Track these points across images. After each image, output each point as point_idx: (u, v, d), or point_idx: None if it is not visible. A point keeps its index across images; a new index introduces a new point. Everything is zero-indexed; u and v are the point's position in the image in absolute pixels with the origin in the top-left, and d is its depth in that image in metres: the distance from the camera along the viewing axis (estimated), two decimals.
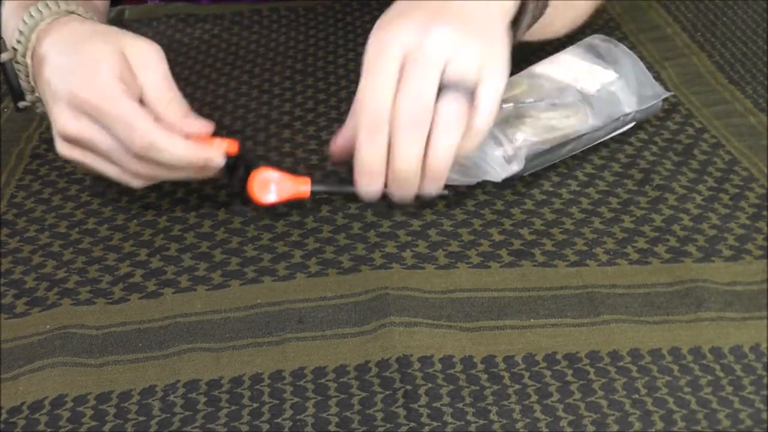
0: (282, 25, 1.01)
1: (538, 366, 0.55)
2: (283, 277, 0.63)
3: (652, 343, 0.57)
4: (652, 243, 0.65)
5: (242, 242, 0.67)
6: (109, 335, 0.59)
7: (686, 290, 0.60)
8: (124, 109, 0.60)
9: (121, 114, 0.60)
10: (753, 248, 0.64)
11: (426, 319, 0.58)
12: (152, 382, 0.55)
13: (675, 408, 0.52)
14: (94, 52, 0.62)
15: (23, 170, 0.77)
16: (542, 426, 0.51)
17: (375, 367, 0.55)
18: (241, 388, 0.54)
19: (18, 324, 0.60)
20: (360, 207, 0.70)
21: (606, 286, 0.61)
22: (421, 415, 0.52)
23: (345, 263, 0.64)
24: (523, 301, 0.60)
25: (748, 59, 0.90)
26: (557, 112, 0.72)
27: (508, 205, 0.70)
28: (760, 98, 0.83)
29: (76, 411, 0.53)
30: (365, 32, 0.97)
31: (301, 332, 0.58)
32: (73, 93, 0.61)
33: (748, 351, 0.56)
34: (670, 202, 0.69)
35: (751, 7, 1.01)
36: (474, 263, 0.64)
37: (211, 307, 0.61)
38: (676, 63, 0.89)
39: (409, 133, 0.60)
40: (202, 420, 0.52)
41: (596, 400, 0.52)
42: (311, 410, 0.53)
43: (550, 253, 0.64)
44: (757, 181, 0.72)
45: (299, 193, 0.66)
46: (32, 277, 0.65)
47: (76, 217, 0.71)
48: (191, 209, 0.71)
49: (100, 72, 0.60)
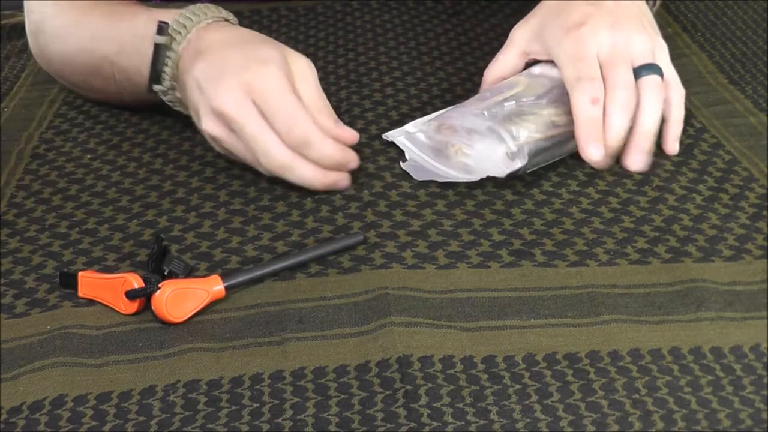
0: (282, 25, 1.01)
1: (538, 366, 0.55)
2: (284, 277, 0.63)
3: (652, 343, 0.57)
4: (652, 243, 0.65)
5: (242, 242, 0.67)
6: (109, 335, 0.59)
7: (686, 290, 0.60)
8: (291, 103, 0.68)
9: (287, 106, 0.68)
10: (753, 248, 0.64)
11: (426, 319, 0.58)
12: (152, 382, 0.55)
13: (675, 408, 0.52)
14: (267, 53, 0.70)
15: (23, 170, 0.77)
16: (542, 426, 0.51)
17: (375, 367, 0.55)
18: (241, 388, 0.54)
19: (18, 324, 0.60)
20: (360, 207, 0.70)
21: (606, 286, 0.61)
22: (422, 415, 0.51)
23: (345, 263, 0.64)
24: (523, 301, 0.60)
25: (748, 59, 0.90)
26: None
27: (508, 205, 0.70)
28: (760, 98, 0.83)
29: (76, 411, 0.53)
30: (365, 32, 0.98)
31: (301, 332, 0.58)
32: (245, 81, 0.68)
33: (748, 351, 0.56)
34: (670, 202, 0.69)
35: (751, 7, 1.01)
36: (474, 263, 0.64)
37: (211, 307, 0.61)
38: (676, 63, 0.89)
39: (621, 110, 0.70)
40: (202, 420, 0.52)
41: (596, 400, 0.52)
42: (311, 410, 0.53)
43: (550, 253, 0.64)
44: (757, 181, 0.72)
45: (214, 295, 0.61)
46: (32, 277, 0.64)
47: (76, 217, 0.71)
48: (191, 209, 0.71)
49: (273, 69, 0.69)
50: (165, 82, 0.74)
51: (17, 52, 0.98)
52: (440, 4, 1.03)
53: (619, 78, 0.71)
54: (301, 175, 0.69)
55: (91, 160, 0.78)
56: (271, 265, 0.63)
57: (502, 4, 1.02)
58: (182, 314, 0.59)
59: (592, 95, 0.70)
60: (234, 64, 0.70)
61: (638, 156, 0.71)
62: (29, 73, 0.93)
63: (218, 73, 0.69)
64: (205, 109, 0.70)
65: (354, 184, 0.72)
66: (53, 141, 0.81)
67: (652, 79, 0.72)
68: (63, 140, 0.81)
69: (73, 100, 0.88)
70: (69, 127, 0.83)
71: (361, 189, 0.72)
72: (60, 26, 0.84)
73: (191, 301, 0.60)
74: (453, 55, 0.92)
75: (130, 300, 0.60)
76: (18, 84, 0.92)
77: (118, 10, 0.80)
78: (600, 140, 0.70)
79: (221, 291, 0.61)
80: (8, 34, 1.03)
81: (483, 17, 1.00)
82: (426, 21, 1.00)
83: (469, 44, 0.94)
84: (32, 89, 0.91)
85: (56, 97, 0.88)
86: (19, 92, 0.90)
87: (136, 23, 0.77)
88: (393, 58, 0.92)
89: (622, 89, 0.70)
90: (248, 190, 0.73)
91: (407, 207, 0.70)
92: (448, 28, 0.98)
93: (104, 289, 0.61)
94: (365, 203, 0.70)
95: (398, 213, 0.69)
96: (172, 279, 0.60)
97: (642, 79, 0.71)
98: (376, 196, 0.71)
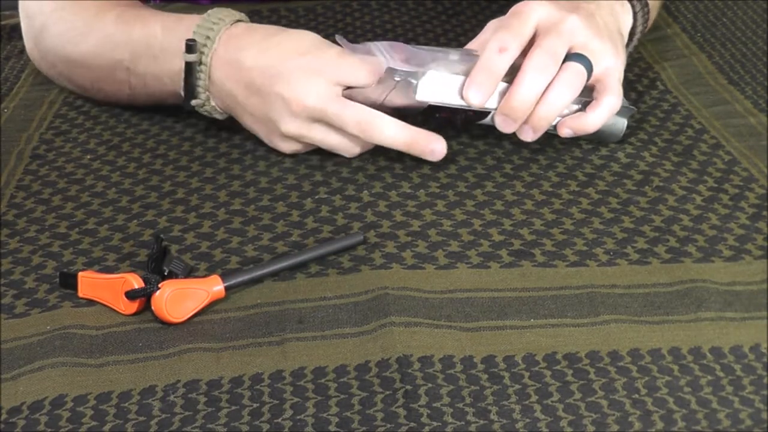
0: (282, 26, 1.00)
1: (538, 366, 0.55)
2: (283, 277, 0.63)
3: (652, 343, 0.57)
4: (652, 243, 0.65)
5: (242, 242, 0.67)
6: (109, 335, 0.59)
7: (686, 290, 0.60)
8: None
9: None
10: (753, 248, 0.64)
11: (426, 319, 0.58)
12: (152, 382, 0.55)
13: (675, 408, 0.52)
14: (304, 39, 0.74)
15: (23, 170, 0.77)
16: (542, 426, 0.51)
17: (375, 367, 0.55)
18: (241, 388, 0.54)
19: (18, 324, 0.60)
20: (360, 207, 0.70)
21: (606, 286, 0.61)
22: (421, 415, 0.51)
23: (345, 263, 0.64)
24: (523, 301, 0.60)
25: (748, 59, 0.90)
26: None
27: (508, 205, 0.70)
28: (760, 99, 0.83)
29: (76, 411, 0.53)
30: (365, 32, 0.98)
31: (301, 332, 0.58)
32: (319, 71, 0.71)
33: (748, 351, 0.56)
34: (670, 202, 0.69)
35: (751, 7, 1.01)
36: (474, 263, 0.64)
37: (211, 307, 0.61)
38: (676, 63, 0.89)
39: (533, 76, 0.69)
40: (202, 420, 0.52)
41: (596, 400, 0.52)
42: (311, 410, 0.53)
43: (550, 253, 0.64)
44: (757, 181, 0.72)
45: (214, 295, 0.61)
46: (32, 277, 0.64)
47: (76, 217, 0.71)
48: (191, 210, 0.71)
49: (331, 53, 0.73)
50: (201, 95, 0.75)
51: (17, 52, 0.98)
52: (440, 4, 1.03)
53: (547, 45, 0.70)
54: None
55: (91, 161, 0.78)
56: (271, 265, 0.63)
57: (502, 4, 1.02)
58: (182, 314, 0.59)
59: (502, 43, 0.70)
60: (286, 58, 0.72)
61: (528, 130, 0.72)
62: (29, 73, 0.93)
63: (278, 72, 0.71)
64: (281, 112, 0.72)
65: (354, 185, 0.72)
66: (53, 141, 0.81)
67: (575, 66, 0.70)
68: (63, 141, 0.81)
69: (73, 101, 0.88)
70: (69, 127, 0.83)
71: (361, 189, 0.72)
72: (67, 30, 0.84)
73: (191, 301, 0.60)
74: None
75: (130, 300, 0.60)
76: (18, 85, 0.92)
77: (128, 14, 0.81)
78: (485, 87, 0.70)
79: (221, 291, 0.61)
80: (8, 34, 1.03)
81: (483, 17, 1.00)
82: (426, 21, 1.00)
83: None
84: (32, 90, 0.91)
85: (56, 97, 0.88)
86: (19, 93, 0.90)
87: (149, 30, 0.78)
88: None
89: (545, 55, 0.70)
90: (248, 191, 0.73)
91: (407, 207, 0.70)
92: (448, 28, 0.98)
93: (104, 290, 0.61)
94: (365, 203, 0.70)
95: (398, 213, 0.69)
96: (172, 279, 0.60)
97: (566, 64, 0.70)
98: (376, 196, 0.71)
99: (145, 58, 0.78)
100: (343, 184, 0.73)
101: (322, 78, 0.71)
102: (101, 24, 0.81)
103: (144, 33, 0.78)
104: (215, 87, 0.74)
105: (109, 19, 0.81)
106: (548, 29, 0.71)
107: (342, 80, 0.71)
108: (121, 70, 0.80)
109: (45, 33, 0.86)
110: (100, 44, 0.81)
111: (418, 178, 0.73)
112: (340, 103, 0.71)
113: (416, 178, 0.73)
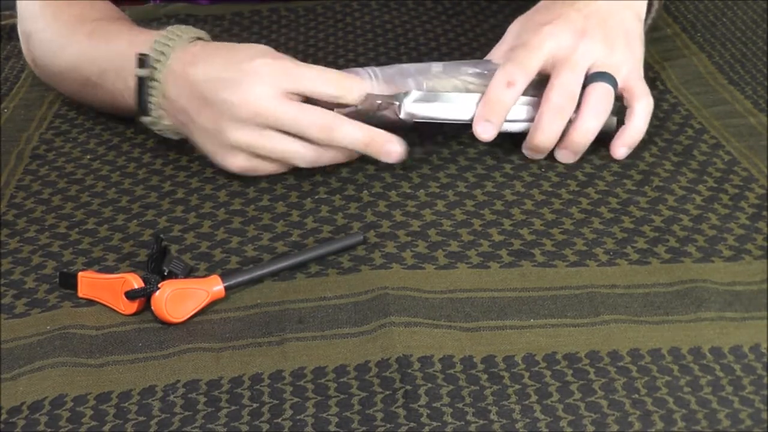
0: (282, 26, 1.01)
1: (538, 366, 0.55)
2: (283, 277, 0.63)
3: (652, 343, 0.57)
4: (651, 243, 0.65)
5: (242, 242, 0.67)
6: (108, 335, 0.59)
7: (686, 290, 0.60)
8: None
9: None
10: (753, 248, 0.64)
11: (426, 319, 0.58)
12: (152, 382, 0.55)
13: (675, 408, 0.52)
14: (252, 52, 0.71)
15: (23, 170, 0.77)
16: (542, 426, 0.51)
17: (375, 367, 0.55)
18: (241, 388, 0.54)
19: (18, 324, 0.60)
20: (360, 207, 0.70)
21: (606, 286, 0.61)
22: (421, 415, 0.52)
23: (345, 263, 0.64)
24: (523, 301, 0.60)
25: (748, 60, 0.90)
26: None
27: (508, 205, 0.70)
28: (760, 99, 0.83)
29: (76, 411, 0.53)
30: (365, 32, 0.98)
31: (301, 332, 0.58)
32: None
33: (748, 351, 0.56)
34: (670, 202, 0.69)
35: (751, 7, 1.01)
36: (474, 263, 0.64)
37: (211, 307, 0.61)
38: (676, 63, 0.89)
39: (551, 118, 0.72)
40: (202, 420, 0.52)
41: (596, 400, 0.52)
42: (311, 410, 0.53)
43: (550, 253, 0.64)
44: (757, 181, 0.72)
45: (214, 295, 0.61)
46: (32, 277, 0.65)
47: (76, 218, 0.71)
48: (191, 209, 0.71)
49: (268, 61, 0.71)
50: (153, 113, 0.73)
51: (17, 52, 0.98)
52: (440, 4, 1.03)
53: (560, 81, 0.72)
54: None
55: (91, 161, 0.78)
56: (270, 265, 0.63)
57: (502, 4, 1.02)
58: (182, 314, 0.59)
59: (509, 77, 0.71)
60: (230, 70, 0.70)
61: (566, 152, 0.74)
62: (29, 73, 0.93)
63: (225, 78, 0.69)
64: (229, 119, 0.69)
65: (354, 185, 0.72)
66: (53, 141, 0.81)
67: (600, 87, 0.72)
68: (63, 141, 0.81)
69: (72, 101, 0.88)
70: (69, 127, 0.84)
71: (360, 189, 0.72)
72: (49, 41, 0.84)
73: (191, 301, 0.60)
74: (453, 55, 0.92)
75: (129, 300, 0.60)
76: (18, 84, 0.92)
77: (100, 30, 0.80)
78: (494, 121, 0.71)
79: (221, 291, 0.61)
80: (8, 34, 1.03)
81: (483, 17, 1.00)
82: (426, 21, 1.00)
83: (469, 44, 0.94)
84: (32, 90, 0.91)
85: (56, 97, 0.89)
86: (19, 93, 0.91)
87: (114, 47, 0.77)
88: (393, 59, 0.92)
89: (559, 94, 0.72)
90: (248, 191, 0.73)
91: (407, 207, 0.70)
92: (448, 28, 0.98)
93: (104, 290, 0.61)
94: (365, 203, 0.70)
95: (398, 213, 0.69)
96: (172, 279, 0.60)
97: (590, 86, 0.72)
98: (376, 196, 0.71)
99: (110, 75, 0.77)
100: (342, 184, 0.73)
101: (273, 81, 0.68)
102: (75, 38, 0.81)
103: (110, 48, 0.77)
104: (169, 103, 0.72)
105: (83, 34, 0.81)
106: (561, 62, 0.72)
107: (296, 87, 0.69)
108: (91, 86, 0.80)
109: (32, 39, 0.86)
110: (73, 59, 0.81)
111: (418, 178, 0.73)
112: (295, 107, 0.68)
113: (416, 178, 0.73)
